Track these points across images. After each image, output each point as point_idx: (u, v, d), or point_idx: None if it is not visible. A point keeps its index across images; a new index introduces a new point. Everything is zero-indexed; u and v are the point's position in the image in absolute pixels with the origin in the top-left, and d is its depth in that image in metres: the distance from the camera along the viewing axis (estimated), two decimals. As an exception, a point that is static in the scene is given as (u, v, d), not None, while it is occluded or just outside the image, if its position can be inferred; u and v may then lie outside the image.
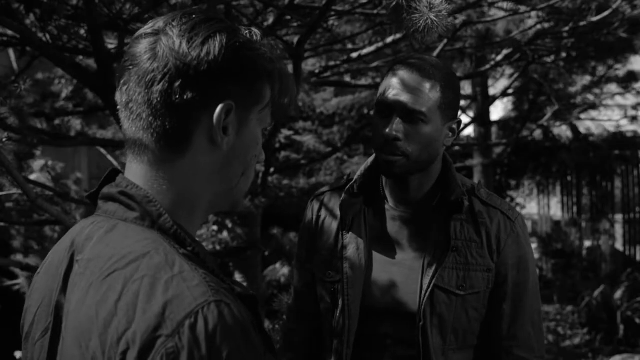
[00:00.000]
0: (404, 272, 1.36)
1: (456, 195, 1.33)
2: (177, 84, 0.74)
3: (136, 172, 0.79)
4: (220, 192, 0.82)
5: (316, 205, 1.51)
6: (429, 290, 1.31)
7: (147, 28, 0.78)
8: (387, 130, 1.29)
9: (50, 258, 0.83)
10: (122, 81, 0.78)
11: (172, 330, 0.64)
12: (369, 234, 1.41)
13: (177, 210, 0.78)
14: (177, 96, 0.75)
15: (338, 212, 1.44)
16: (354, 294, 1.37)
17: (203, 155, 0.78)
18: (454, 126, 1.36)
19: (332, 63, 3.78)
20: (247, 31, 0.81)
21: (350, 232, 1.40)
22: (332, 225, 1.45)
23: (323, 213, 1.48)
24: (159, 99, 0.75)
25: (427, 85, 1.28)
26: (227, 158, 0.80)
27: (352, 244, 1.39)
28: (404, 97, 1.28)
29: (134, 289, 0.67)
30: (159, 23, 0.78)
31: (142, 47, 0.76)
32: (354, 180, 1.42)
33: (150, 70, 0.75)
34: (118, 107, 0.80)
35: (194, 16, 0.78)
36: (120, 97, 0.79)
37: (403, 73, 1.30)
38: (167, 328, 0.64)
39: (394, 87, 1.30)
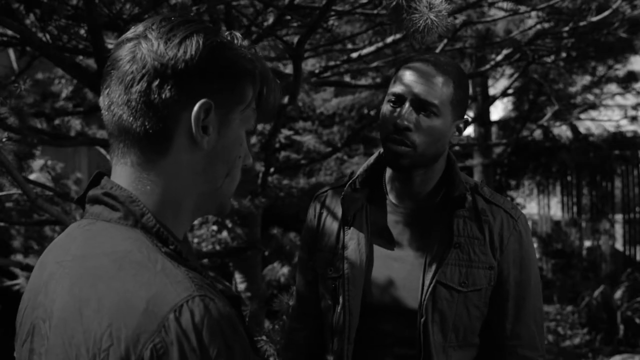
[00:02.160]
0: (405, 269, 1.36)
1: (459, 192, 1.34)
2: (155, 83, 0.75)
3: (120, 174, 0.80)
4: (204, 193, 0.83)
5: (318, 204, 1.51)
6: (431, 286, 1.31)
7: (128, 33, 0.80)
8: (399, 119, 1.29)
9: (41, 260, 0.85)
10: (104, 85, 0.80)
11: (157, 324, 0.65)
12: (371, 230, 1.40)
13: (163, 211, 0.79)
14: (156, 95, 0.76)
15: (339, 210, 1.44)
16: (354, 290, 1.37)
17: (185, 155, 0.79)
18: (461, 125, 1.37)
19: (332, 63, 3.78)
20: (227, 33, 0.82)
21: (352, 228, 1.40)
22: (334, 222, 1.45)
23: (325, 211, 1.48)
24: (137, 99, 0.76)
25: (441, 79, 1.30)
26: (209, 158, 0.80)
27: (354, 240, 1.39)
28: (418, 87, 1.29)
29: (116, 287, 0.68)
30: (139, 28, 0.80)
31: (122, 51, 0.78)
32: (356, 176, 1.42)
33: (130, 72, 0.76)
34: (102, 111, 0.81)
35: (172, 19, 0.80)
36: (103, 100, 0.80)
37: (418, 65, 1.32)
38: (152, 323, 0.65)
39: (408, 77, 1.31)
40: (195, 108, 0.77)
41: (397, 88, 1.32)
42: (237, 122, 0.82)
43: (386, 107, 1.35)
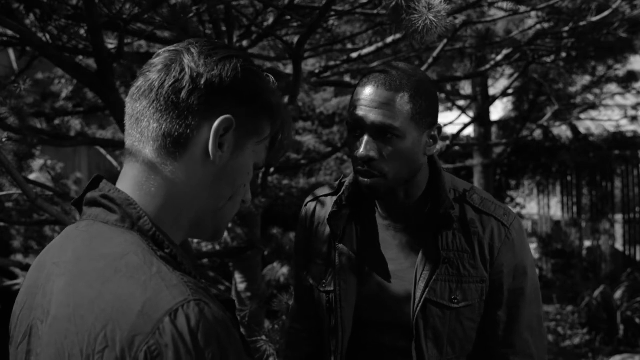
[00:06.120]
0: (397, 284, 1.33)
1: (444, 208, 1.29)
2: (186, 89, 0.78)
3: (129, 174, 0.81)
4: (206, 209, 0.83)
5: (310, 211, 1.48)
6: (421, 303, 1.28)
7: (170, 46, 0.84)
8: (361, 151, 1.22)
9: (37, 261, 0.85)
10: (136, 80, 0.82)
11: (152, 327, 0.65)
12: (361, 245, 1.38)
13: (162, 215, 0.80)
14: (183, 98, 0.78)
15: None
16: (347, 306, 1.35)
17: (195, 165, 0.80)
18: (434, 133, 1.29)
19: (332, 63, 3.78)
20: (262, 71, 0.86)
21: (342, 244, 1.37)
22: (325, 234, 1.42)
23: (316, 220, 1.46)
24: (166, 97, 0.78)
25: (396, 98, 1.21)
26: (217, 175, 0.82)
27: (344, 256, 1.36)
28: (373, 114, 1.21)
29: (111, 289, 0.69)
30: (183, 43, 0.84)
31: (160, 59, 0.81)
32: (342, 192, 1.38)
33: (164, 74, 0.79)
34: (127, 101, 0.83)
35: (217, 42, 0.84)
36: (131, 93, 0.82)
37: (369, 88, 1.23)
38: (147, 325, 0.65)
39: (361, 104, 1.23)
40: (217, 121, 0.79)
41: (353, 117, 1.24)
42: (249, 152, 0.84)
43: (349, 137, 1.28)
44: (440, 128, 1.31)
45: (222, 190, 0.83)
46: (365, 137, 1.23)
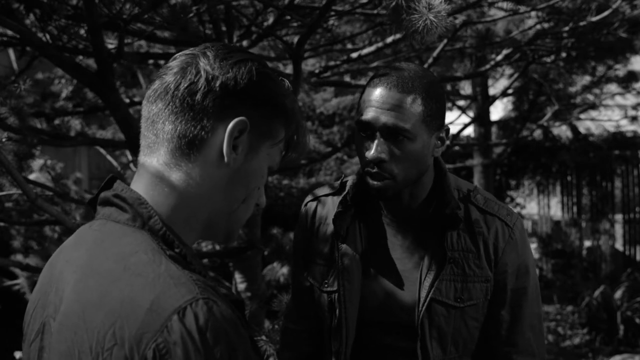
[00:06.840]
0: (401, 284, 1.34)
1: (451, 209, 1.29)
2: (202, 90, 0.79)
3: (143, 174, 0.82)
4: (219, 211, 0.84)
5: (310, 211, 1.47)
6: (426, 303, 1.29)
7: (187, 50, 0.85)
8: (372, 152, 1.22)
9: (51, 261, 0.86)
10: (152, 83, 0.83)
11: (160, 325, 0.65)
12: (365, 245, 1.38)
13: (175, 216, 0.80)
14: (199, 100, 0.79)
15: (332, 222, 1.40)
16: (351, 306, 1.35)
17: (209, 167, 0.80)
18: (442, 135, 1.29)
19: (332, 63, 3.78)
20: (277, 74, 0.87)
21: (345, 244, 1.36)
22: (327, 233, 1.42)
23: (317, 220, 1.45)
24: (181, 99, 0.79)
25: (408, 100, 1.21)
26: (231, 177, 0.82)
27: (348, 255, 1.36)
28: (385, 115, 1.21)
29: (120, 287, 0.69)
30: (199, 47, 0.84)
31: (176, 62, 0.82)
32: (346, 191, 1.38)
33: (180, 78, 0.80)
34: (143, 101, 0.84)
35: (231, 46, 0.85)
36: (147, 95, 0.83)
37: (381, 89, 1.22)
38: (155, 323, 0.66)
39: (373, 106, 1.23)
40: (232, 123, 0.80)
41: (363, 117, 1.24)
42: (264, 154, 0.85)
43: (358, 137, 1.27)
44: (448, 130, 1.31)
45: (235, 193, 0.83)
46: (377, 137, 1.23)
